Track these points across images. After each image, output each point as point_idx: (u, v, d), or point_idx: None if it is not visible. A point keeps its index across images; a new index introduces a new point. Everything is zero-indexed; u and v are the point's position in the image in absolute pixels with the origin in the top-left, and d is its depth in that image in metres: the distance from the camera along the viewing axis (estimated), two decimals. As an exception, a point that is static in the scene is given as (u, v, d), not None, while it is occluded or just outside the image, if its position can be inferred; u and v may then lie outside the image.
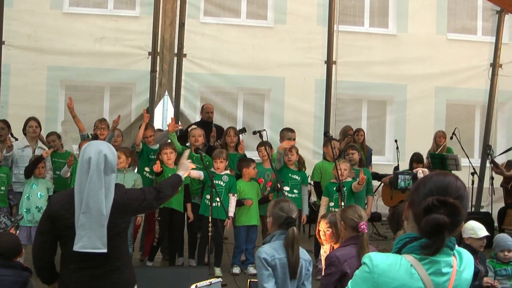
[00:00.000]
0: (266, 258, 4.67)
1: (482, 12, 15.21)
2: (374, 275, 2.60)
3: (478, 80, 14.78)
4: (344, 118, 14.20)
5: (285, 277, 4.72)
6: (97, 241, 4.22)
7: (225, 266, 9.14)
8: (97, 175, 4.26)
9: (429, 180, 2.69)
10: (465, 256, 2.74)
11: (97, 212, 4.21)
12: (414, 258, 2.59)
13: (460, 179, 2.71)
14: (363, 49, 14.33)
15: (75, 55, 12.98)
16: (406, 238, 2.67)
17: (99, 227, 4.21)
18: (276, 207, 4.89)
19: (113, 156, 4.45)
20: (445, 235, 2.55)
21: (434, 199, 2.54)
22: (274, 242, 4.81)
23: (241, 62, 13.81)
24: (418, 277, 2.57)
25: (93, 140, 4.80)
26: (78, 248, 4.20)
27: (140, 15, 13.56)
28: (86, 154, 4.34)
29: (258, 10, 14.47)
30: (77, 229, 4.21)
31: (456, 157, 11.41)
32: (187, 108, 13.50)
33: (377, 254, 2.68)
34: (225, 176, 9.01)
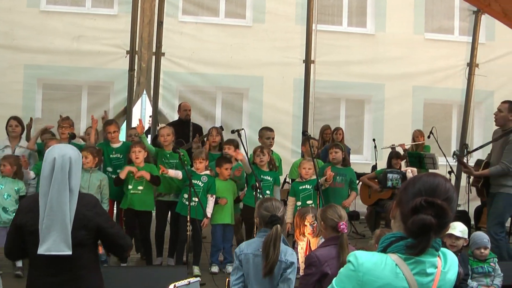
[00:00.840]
0: (236, 252, 4.86)
1: (459, 12, 15.31)
2: (359, 273, 2.60)
3: (455, 80, 14.89)
4: (322, 117, 14.24)
5: (249, 273, 4.80)
6: (62, 244, 4.13)
7: (204, 265, 9.12)
8: (61, 177, 4.17)
9: (418, 180, 2.70)
10: (450, 257, 2.76)
11: (61, 214, 4.13)
12: (399, 258, 2.60)
13: (450, 181, 2.72)
14: (342, 49, 14.38)
15: (52, 54, 12.90)
16: (392, 237, 2.68)
17: (63, 229, 4.13)
18: (261, 207, 4.94)
19: (79, 159, 4.37)
20: (431, 236, 2.55)
21: (422, 199, 2.55)
22: (253, 239, 4.86)
23: (220, 61, 13.79)
24: (402, 276, 2.58)
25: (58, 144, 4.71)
26: (42, 251, 4.12)
27: (118, 13, 13.49)
28: (50, 156, 4.25)
29: (236, 9, 14.45)
30: (41, 232, 4.14)
31: (434, 156, 11.48)
32: (165, 107, 13.47)
33: (363, 252, 2.67)
34: (204, 176, 8.97)
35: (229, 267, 8.97)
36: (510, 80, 14.93)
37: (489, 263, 7.21)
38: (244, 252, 4.79)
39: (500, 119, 8.79)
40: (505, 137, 8.69)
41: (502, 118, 8.77)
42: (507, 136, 8.66)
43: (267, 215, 4.84)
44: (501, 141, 8.77)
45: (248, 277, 4.78)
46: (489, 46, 15.02)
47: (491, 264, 7.22)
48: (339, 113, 15.08)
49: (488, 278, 7.15)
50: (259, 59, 13.86)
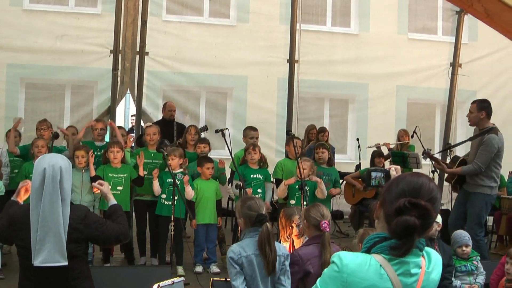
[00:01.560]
0: (233, 257, 4.75)
1: (442, 13, 15.37)
2: (343, 274, 2.58)
3: (439, 79, 14.96)
4: (306, 116, 14.26)
5: (254, 274, 4.77)
6: (57, 254, 4.14)
7: (188, 265, 9.12)
8: (52, 187, 4.16)
9: (402, 180, 2.68)
10: (434, 257, 2.76)
11: (55, 224, 4.12)
12: (383, 258, 2.59)
13: (433, 181, 2.71)
14: (325, 48, 14.41)
15: (36, 53, 12.82)
16: (376, 237, 2.67)
17: (57, 241, 4.13)
18: (244, 207, 4.89)
19: (69, 168, 4.35)
20: (415, 237, 2.55)
21: (406, 200, 2.54)
22: (243, 240, 4.84)
23: (204, 61, 13.76)
24: (387, 277, 2.57)
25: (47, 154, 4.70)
26: (38, 263, 4.12)
27: (102, 12, 13.43)
28: (40, 166, 4.23)
29: (220, 8, 14.44)
30: (35, 244, 4.13)
31: (417, 155, 11.52)
32: (149, 107, 13.43)
33: (347, 253, 2.66)
34: (179, 174, 8.95)
35: (213, 267, 8.97)
36: (492, 80, 15.03)
37: (472, 261, 7.26)
38: (244, 254, 4.75)
39: (472, 119, 8.93)
40: (481, 137, 8.78)
41: (474, 118, 8.91)
42: (483, 136, 8.74)
43: (253, 215, 4.83)
44: (477, 140, 8.85)
45: (253, 278, 4.76)
46: (472, 46, 15.11)
47: (474, 262, 7.27)
48: (323, 112, 15.10)
49: (471, 276, 7.20)
50: (243, 58, 13.86)
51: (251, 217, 4.83)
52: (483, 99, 9.04)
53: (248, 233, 4.86)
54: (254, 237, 4.82)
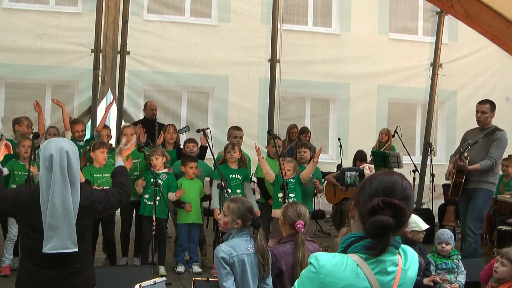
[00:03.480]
0: (224, 257, 4.74)
1: (422, 13, 15.47)
2: (320, 275, 2.58)
3: (419, 79, 15.05)
4: (287, 116, 14.29)
5: (245, 274, 4.77)
6: (67, 241, 4.15)
7: (170, 265, 9.10)
8: (60, 173, 4.18)
9: (375, 180, 2.68)
10: (410, 254, 2.76)
11: (64, 210, 4.14)
12: (360, 258, 2.59)
13: (406, 178, 2.71)
14: (307, 48, 14.44)
15: (15, 52, 12.74)
16: (352, 237, 2.66)
17: (67, 226, 4.14)
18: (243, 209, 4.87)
19: (76, 152, 4.38)
20: (390, 236, 2.55)
21: (379, 200, 2.54)
22: (232, 240, 4.83)
23: (185, 60, 13.75)
24: (364, 276, 2.57)
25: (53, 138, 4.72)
26: (48, 249, 4.12)
27: (83, 11, 13.36)
28: (47, 151, 4.26)
29: (202, 8, 14.42)
30: (45, 230, 4.13)
31: (398, 155, 11.58)
32: (130, 106, 13.39)
33: (323, 254, 2.65)
34: (163, 174, 8.92)
35: (195, 266, 8.96)
36: (472, 80, 15.17)
37: (453, 259, 7.30)
38: (235, 254, 4.74)
39: (485, 119, 8.88)
40: (488, 136, 8.80)
41: (487, 119, 8.89)
42: (491, 134, 8.78)
43: (251, 218, 4.86)
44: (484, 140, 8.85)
45: (244, 278, 4.76)
46: (452, 46, 15.22)
47: (455, 260, 7.31)
48: (304, 112, 15.13)
49: (452, 274, 7.23)
50: (224, 58, 13.85)
51: (248, 220, 4.84)
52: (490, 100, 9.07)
53: (237, 233, 4.85)
54: (243, 237, 4.83)
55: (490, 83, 15.19)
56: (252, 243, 4.83)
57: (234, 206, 4.91)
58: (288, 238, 5.07)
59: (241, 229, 4.86)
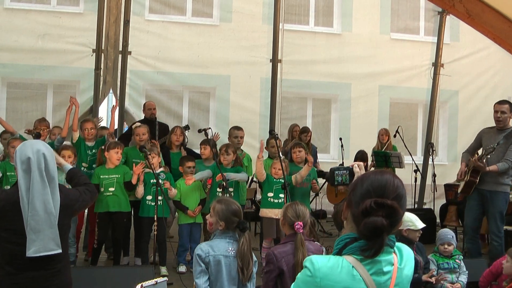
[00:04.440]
0: (200, 254, 4.76)
1: (424, 13, 15.46)
2: (316, 279, 2.56)
3: (421, 79, 15.04)
4: (289, 116, 14.29)
5: (220, 275, 4.76)
6: (51, 243, 4.16)
7: (171, 265, 9.10)
8: (39, 175, 4.18)
9: (366, 180, 2.66)
10: (405, 252, 2.75)
11: (45, 213, 4.14)
12: (355, 259, 2.57)
13: (398, 176, 2.69)
14: (308, 48, 14.44)
15: (17, 52, 12.75)
16: (347, 238, 2.65)
17: (49, 228, 4.14)
18: (228, 211, 4.83)
19: (51, 154, 4.38)
20: (384, 237, 2.54)
21: (372, 201, 2.52)
22: (213, 240, 4.84)
23: (186, 60, 13.76)
24: (360, 278, 2.55)
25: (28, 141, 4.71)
26: (32, 253, 4.12)
27: (84, 11, 13.38)
28: (24, 154, 4.24)
29: (203, 8, 14.42)
30: (27, 234, 4.13)
31: (400, 155, 11.57)
32: (132, 106, 13.39)
33: (318, 257, 2.64)
34: (161, 173, 8.93)
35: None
36: (474, 80, 15.16)
37: (455, 259, 7.31)
38: (212, 254, 4.74)
39: (505, 120, 8.81)
40: (508, 138, 8.76)
41: (506, 119, 8.82)
42: (511, 136, 8.75)
43: (236, 220, 4.83)
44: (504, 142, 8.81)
45: (218, 279, 4.76)
46: (453, 46, 15.21)
47: (457, 260, 7.31)
48: (305, 112, 15.13)
49: (454, 274, 7.24)
50: (226, 58, 13.86)
51: (232, 223, 4.83)
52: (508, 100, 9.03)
53: (220, 234, 4.85)
54: (225, 239, 4.83)
55: (492, 83, 15.18)
56: (234, 245, 4.82)
57: (218, 208, 4.89)
58: (288, 238, 5.06)
59: (224, 231, 4.84)
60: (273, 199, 8.93)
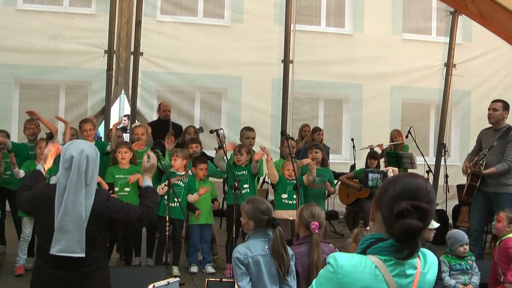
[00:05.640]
0: (239, 257, 4.75)
1: (436, 13, 15.41)
2: (338, 275, 2.57)
3: (433, 80, 14.99)
4: (301, 117, 14.27)
5: (260, 274, 4.75)
6: (75, 245, 4.15)
7: (183, 265, 9.11)
8: (77, 176, 4.18)
9: (399, 182, 2.66)
10: (429, 258, 2.74)
11: (76, 215, 4.13)
12: (378, 259, 2.57)
13: (429, 181, 2.69)
14: (320, 49, 14.42)
15: (29, 53, 12.80)
16: (371, 238, 2.65)
17: (77, 231, 4.13)
18: (256, 211, 4.82)
19: (96, 156, 4.37)
20: (419, 240, 2.54)
21: (408, 204, 2.52)
22: (248, 241, 4.84)
23: (198, 61, 13.76)
24: (382, 278, 2.55)
25: (76, 140, 4.72)
26: (55, 251, 4.13)
27: (96, 12, 13.42)
28: (68, 152, 4.26)
29: (214, 9, 14.44)
30: (55, 232, 4.14)
31: (412, 156, 11.52)
32: (143, 107, 13.42)
33: (342, 254, 2.64)
34: (185, 176, 8.94)
35: (208, 267, 8.97)
36: (486, 80, 15.08)
37: (467, 260, 7.27)
38: (250, 255, 4.74)
39: (497, 116, 8.81)
40: (503, 138, 8.73)
41: (499, 116, 8.82)
42: (506, 135, 8.72)
43: (265, 219, 4.83)
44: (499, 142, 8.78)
45: (260, 278, 4.75)
46: (466, 46, 15.14)
47: (469, 261, 7.28)
48: (317, 112, 15.11)
49: (466, 275, 7.21)
50: (237, 59, 13.86)
51: (262, 221, 4.83)
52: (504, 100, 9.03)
53: (254, 234, 4.85)
54: (260, 238, 4.82)
55: (504, 83, 15.09)
56: (270, 243, 4.81)
57: (247, 208, 4.91)
58: (303, 239, 5.07)
59: (256, 230, 4.85)
60: (287, 200, 8.94)
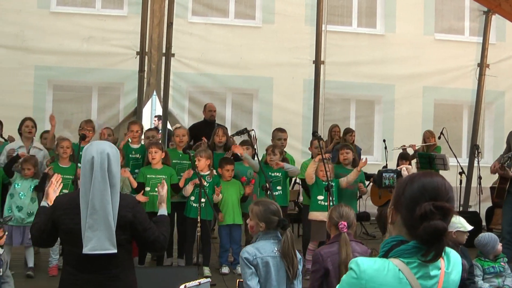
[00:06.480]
0: (248, 258, 4.74)
1: (469, 13, 15.26)
2: (361, 281, 2.53)
3: (466, 80, 14.84)
4: (332, 118, 14.21)
5: (269, 276, 4.74)
6: (106, 242, 4.17)
7: (214, 266, 9.13)
8: (101, 175, 4.20)
9: (416, 182, 2.61)
10: (453, 257, 2.70)
11: (104, 212, 4.16)
12: (401, 262, 2.53)
13: (446, 178, 2.64)
14: (351, 49, 14.36)
15: (62, 55, 12.92)
16: (393, 241, 2.61)
17: (106, 228, 4.16)
18: (266, 211, 4.82)
19: (116, 154, 4.38)
20: (444, 241, 2.50)
21: (431, 205, 2.48)
22: (258, 242, 4.83)
23: (229, 62, 13.79)
24: (406, 281, 2.51)
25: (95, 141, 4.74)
26: (87, 250, 4.15)
27: (128, 14, 13.52)
28: (88, 154, 4.27)
29: (246, 10, 14.46)
30: (85, 232, 4.17)
31: (444, 157, 11.43)
32: (175, 108, 13.48)
33: (364, 259, 2.61)
34: (208, 176, 8.98)
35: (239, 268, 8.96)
36: (520, 81, 14.92)
37: (500, 262, 7.17)
38: (259, 256, 4.73)
39: None
40: None
41: None
42: None
43: (276, 220, 4.82)
44: None
45: (268, 280, 4.75)
46: (499, 46, 14.99)
47: (502, 263, 7.18)
48: (349, 113, 15.06)
49: (500, 278, 7.11)
50: (268, 60, 13.85)
51: (273, 222, 4.81)
52: None
53: (264, 235, 4.84)
54: (269, 240, 4.81)
55: (539, 84, 14.94)
56: (279, 246, 4.79)
57: (256, 209, 4.88)
58: (334, 239, 5.08)
59: (266, 232, 4.83)
60: (323, 202, 8.89)
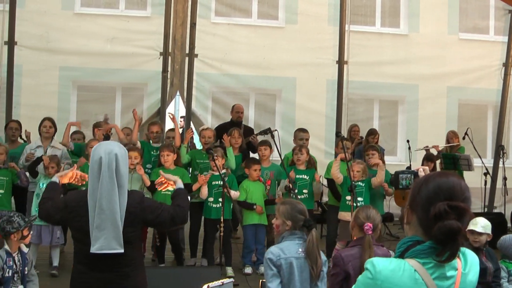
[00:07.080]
0: (271, 258, 4.72)
1: (494, 12, 15.13)
2: (377, 281, 2.52)
3: (490, 80, 14.72)
4: (355, 118, 14.15)
5: (292, 277, 4.72)
6: (113, 242, 4.21)
7: (237, 266, 9.13)
8: (108, 175, 4.23)
9: (431, 182, 2.59)
10: (470, 258, 2.67)
11: (111, 212, 4.19)
12: (417, 263, 2.51)
13: (462, 178, 2.62)
14: (375, 49, 14.31)
15: (87, 56, 13.03)
16: (409, 241, 2.60)
17: (114, 228, 4.20)
18: (294, 210, 4.82)
19: (125, 155, 4.41)
20: (459, 241, 2.48)
21: (445, 205, 2.46)
22: (282, 242, 4.82)
23: (252, 62, 13.80)
24: (422, 282, 2.49)
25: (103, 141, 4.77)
26: (95, 249, 4.19)
27: (151, 15, 13.58)
28: (96, 154, 4.31)
29: (269, 10, 14.46)
30: (93, 231, 4.20)
31: (469, 157, 11.35)
32: (198, 108, 13.52)
33: (380, 259, 2.59)
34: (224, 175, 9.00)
35: (262, 268, 8.96)
36: (546, 81, 14.76)
37: (524, 264, 7.09)
38: (283, 256, 4.71)
39: None
40: None
41: None
42: None
43: (302, 219, 4.81)
44: None
45: (291, 281, 4.73)
46: (525, 46, 14.84)
47: (526, 265, 7.10)
48: (372, 114, 14.99)
49: (524, 280, 7.03)
50: (291, 60, 13.84)
51: (299, 221, 4.80)
52: None
53: (288, 236, 4.82)
54: (294, 240, 4.79)
55: None
56: (304, 247, 4.77)
57: (283, 208, 4.88)
58: (356, 242, 5.04)
59: (292, 232, 4.81)
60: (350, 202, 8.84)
